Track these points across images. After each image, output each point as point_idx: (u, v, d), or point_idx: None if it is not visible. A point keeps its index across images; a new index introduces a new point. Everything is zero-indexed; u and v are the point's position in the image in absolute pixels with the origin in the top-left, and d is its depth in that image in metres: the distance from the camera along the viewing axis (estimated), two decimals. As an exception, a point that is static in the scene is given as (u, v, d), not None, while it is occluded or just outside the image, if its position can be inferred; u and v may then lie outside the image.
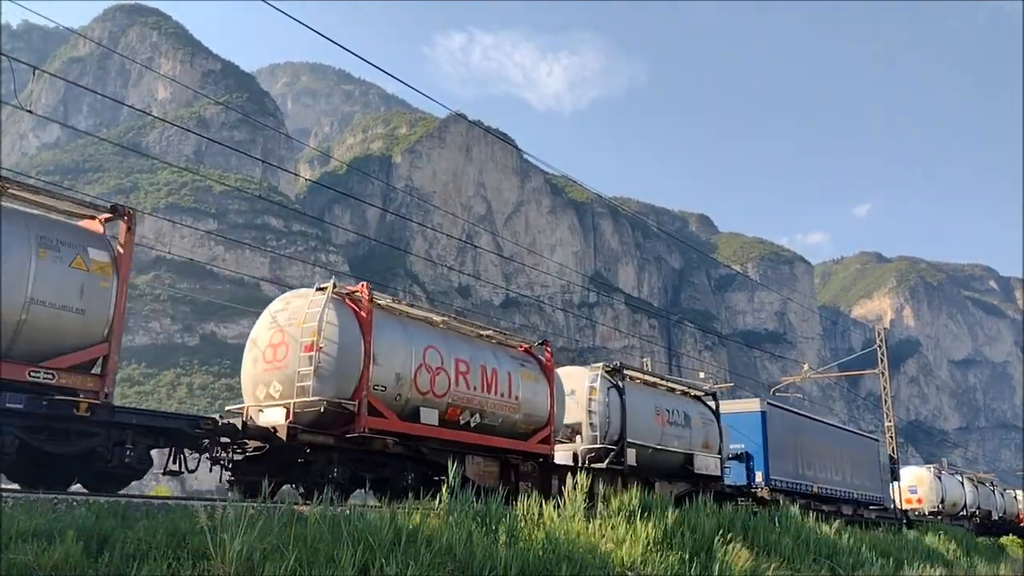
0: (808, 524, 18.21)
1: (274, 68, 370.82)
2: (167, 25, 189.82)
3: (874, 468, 35.58)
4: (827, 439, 31.37)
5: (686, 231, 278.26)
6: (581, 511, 12.23)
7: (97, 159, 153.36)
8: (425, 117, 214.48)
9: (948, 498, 43.02)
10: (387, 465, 13.81)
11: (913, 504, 41.80)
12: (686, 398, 22.74)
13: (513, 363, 16.38)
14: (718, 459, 22.19)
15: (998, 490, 54.23)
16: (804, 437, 28.85)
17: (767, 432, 25.69)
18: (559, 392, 17.37)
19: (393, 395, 13.59)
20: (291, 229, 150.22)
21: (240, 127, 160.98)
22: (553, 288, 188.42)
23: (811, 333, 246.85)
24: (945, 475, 45.31)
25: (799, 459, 27.76)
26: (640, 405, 19.84)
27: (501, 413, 15.64)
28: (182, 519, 7.93)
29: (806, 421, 30.63)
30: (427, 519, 9.52)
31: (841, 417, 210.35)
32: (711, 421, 22.70)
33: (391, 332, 13.97)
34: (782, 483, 25.69)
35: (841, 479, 31.09)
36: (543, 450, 16.50)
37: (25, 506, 7.75)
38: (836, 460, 31.14)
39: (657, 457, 20.02)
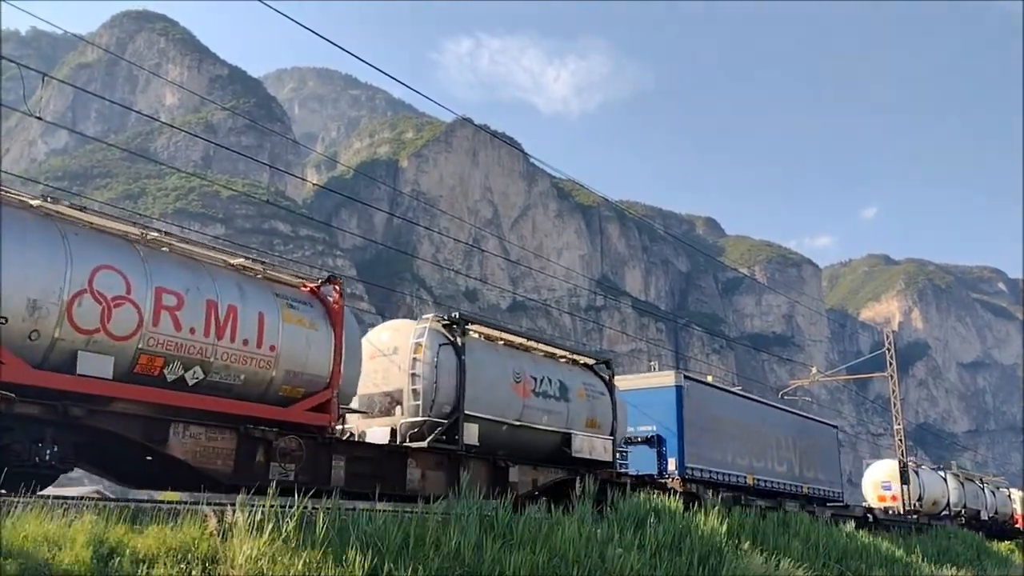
0: (818, 527, 18.15)
1: (281, 73, 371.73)
2: (174, 31, 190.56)
3: (833, 459, 32.27)
4: (769, 424, 27.12)
5: (693, 234, 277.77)
6: (590, 515, 12.20)
7: (105, 165, 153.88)
8: (432, 121, 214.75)
9: (927, 495, 38.80)
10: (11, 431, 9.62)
11: (887, 502, 37.31)
12: (566, 365, 18.51)
13: (271, 302, 12.12)
14: (609, 441, 18.19)
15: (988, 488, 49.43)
16: (736, 420, 24.80)
17: (683, 412, 21.76)
18: (354, 345, 13.62)
19: (25, 332, 9.60)
20: (298, 234, 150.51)
21: (247, 132, 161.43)
22: (560, 292, 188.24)
23: (819, 336, 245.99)
24: (924, 470, 41.19)
25: (728, 445, 23.76)
26: (489, 369, 15.71)
27: (243, 368, 11.44)
28: (192, 523, 7.95)
29: (739, 402, 26.41)
30: (436, 523, 9.51)
31: (850, 420, 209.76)
32: (601, 395, 18.63)
33: (24, 239, 9.88)
34: (702, 472, 21.97)
35: (786, 470, 27.22)
36: (315, 420, 12.24)
37: (34, 511, 7.77)
38: (781, 448, 27.13)
39: (517, 436, 16.07)
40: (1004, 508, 49.90)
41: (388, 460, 13.56)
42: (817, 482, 29.43)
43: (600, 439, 17.92)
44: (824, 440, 31.80)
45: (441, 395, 14.58)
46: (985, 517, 44.48)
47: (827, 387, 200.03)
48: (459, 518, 9.91)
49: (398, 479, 13.36)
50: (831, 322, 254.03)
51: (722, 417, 24.06)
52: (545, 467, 16.73)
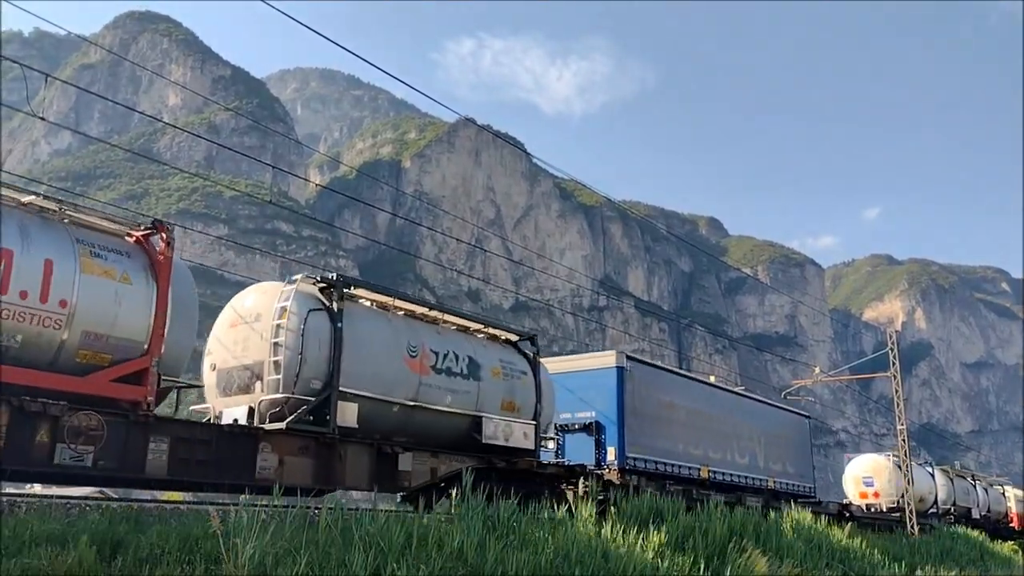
0: (820, 528, 18.13)
1: (284, 74, 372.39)
2: (177, 32, 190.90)
3: (804, 452, 29.94)
4: (730, 412, 24.84)
5: (696, 234, 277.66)
6: (593, 515, 12.20)
7: (108, 165, 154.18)
8: (434, 122, 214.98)
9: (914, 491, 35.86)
10: None
11: (869, 498, 35.33)
12: (481, 340, 16.21)
13: (66, 247, 9.95)
14: (531, 427, 16.02)
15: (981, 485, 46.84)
16: (690, 407, 22.60)
17: (624, 396, 19.52)
18: (187, 305, 11.51)
19: None
20: (301, 234, 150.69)
21: (250, 133, 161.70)
22: (563, 292, 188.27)
23: (822, 336, 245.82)
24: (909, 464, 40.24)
25: (679, 434, 21.65)
26: (375, 340, 13.40)
27: (19, 326, 9.27)
28: (195, 523, 7.95)
29: (694, 387, 24.22)
30: (438, 523, 9.52)
31: (853, 420, 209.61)
32: (522, 374, 16.37)
33: None
34: (646, 463, 19.77)
35: (749, 463, 24.88)
36: (125, 394, 10.04)
37: (39, 511, 7.78)
38: (743, 439, 24.90)
39: (413, 419, 13.86)
40: (998, 506, 47.69)
41: (232, 444, 11.31)
42: (785, 476, 27.08)
43: (520, 424, 15.77)
44: (795, 432, 29.42)
45: (308, 368, 12.19)
46: (977, 515, 42.17)
47: (830, 387, 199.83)
48: (462, 518, 9.91)
49: (245, 467, 11.24)
50: (834, 322, 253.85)
51: (673, 403, 21.75)
52: (449, 455, 14.50)
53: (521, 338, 17.17)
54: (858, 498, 35.53)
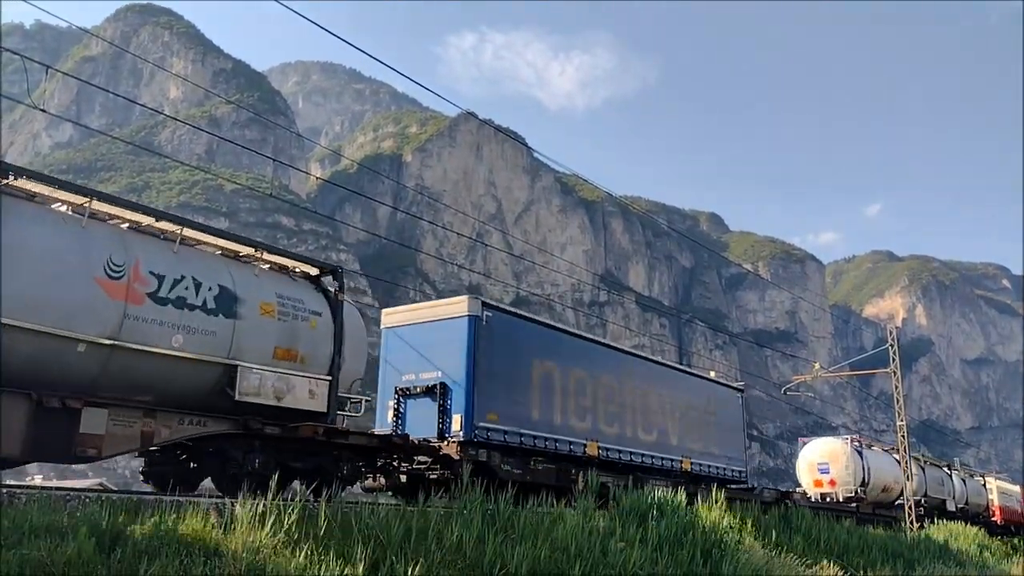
0: (819, 523, 18.13)
1: (285, 67, 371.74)
2: (179, 25, 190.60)
3: (735, 431, 25.87)
4: (631, 379, 20.91)
5: (697, 230, 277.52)
6: (593, 508, 12.21)
7: (109, 158, 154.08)
8: (436, 116, 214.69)
9: (874, 480, 32.60)
10: None
11: (824, 487, 31.63)
12: (248, 266, 12.70)
13: None
14: (322, 383, 12.70)
15: (959, 475, 43.16)
16: (575, 370, 18.62)
17: (477, 353, 15.74)
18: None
19: None
20: (302, 228, 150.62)
21: (251, 126, 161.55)
22: (563, 287, 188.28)
23: (822, 332, 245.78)
24: (873, 450, 35.07)
25: (557, 402, 17.73)
26: (43, 250, 9.86)
27: None
28: (193, 516, 7.97)
29: (582, 347, 20.03)
30: (437, 516, 9.52)
31: (853, 416, 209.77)
32: (312, 315, 12.91)
33: None
34: (505, 435, 16.09)
35: (656, 439, 21.09)
36: None
37: (38, 502, 7.79)
38: (650, 412, 21.15)
39: (114, 364, 10.27)
40: (977, 499, 44.12)
41: None
42: (708, 457, 23.40)
43: (303, 378, 12.34)
44: (724, 407, 25.25)
45: None
46: (952, 508, 38.49)
47: (830, 383, 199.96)
48: (461, 512, 9.92)
49: None
50: (834, 318, 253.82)
51: (552, 366, 17.82)
52: (176, 415, 10.89)
53: (322, 272, 13.72)
54: (812, 487, 32.12)
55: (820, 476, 32.13)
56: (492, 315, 16.60)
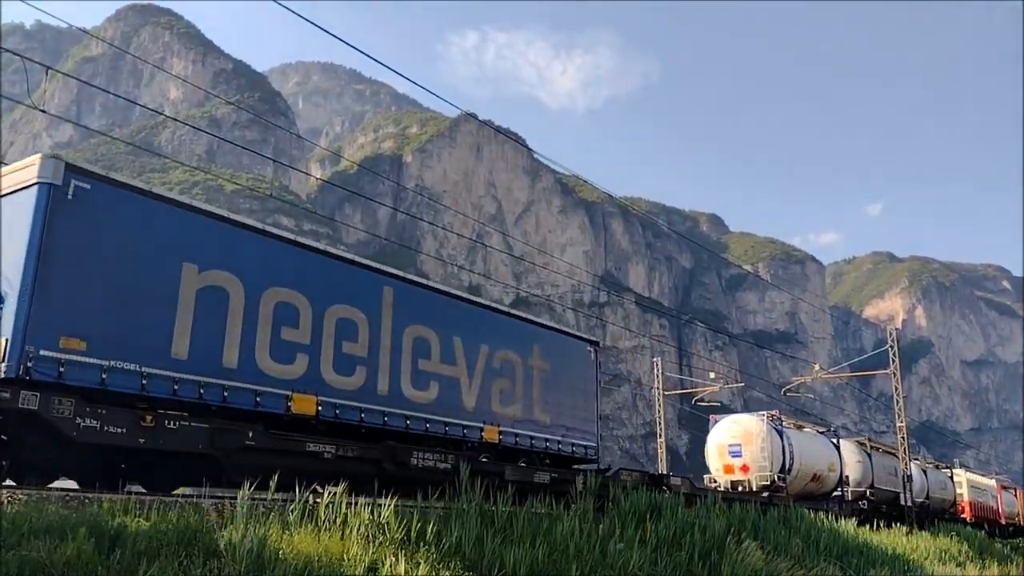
0: (819, 524, 18.14)
1: (285, 68, 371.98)
2: (179, 25, 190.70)
3: (576, 394, 18.88)
4: (400, 309, 14.88)
5: (697, 231, 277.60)
6: (592, 510, 12.23)
7: (110, 158, 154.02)
8: (436, 116, 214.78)
9: (799, 466, 26.82)
10: None
11: (735, 474, 26.03)
12: None
13: None
14: None
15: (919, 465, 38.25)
16: (280, 290, 12.78)
17: (53, 240, 10.19)
18: None
19: None
20: (302, 228, 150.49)
21: (251, 127, 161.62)
22: (563, 287, 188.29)
23: (822, 333, 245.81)
24: (800, 431, 29.26)
25: (234, 331, 11.94)
26: None
27: None
28: (192, 516, 7.98)
29: (292, 254, 13.71)
30: (436, 517, 9.54)
31: (853, 418, 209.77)
32: None
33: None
34: (105, 374, 10.26)
35: (436, 397, 15.14)
36: None
37: (37, 503, 7.81)
38: (430, 358, 15.22)
39: None
40: (943, 493, 39.52)
41: None
42: (531, 426, 17.07)
43: None
44: (562, 362, 18.43)
45: None
46: (908, 503, 32.92)
47: (830, 384, 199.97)
48: (460, 512, 9.95)
49: None
50: (834, 319, 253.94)
51: (223, 276, 12.04)
52: None
53: None
54: (722, 473, 26.50)
55: (731, 460, 26.37)
56: (94, 188, 10.96)
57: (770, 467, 25.75)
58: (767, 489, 25.38)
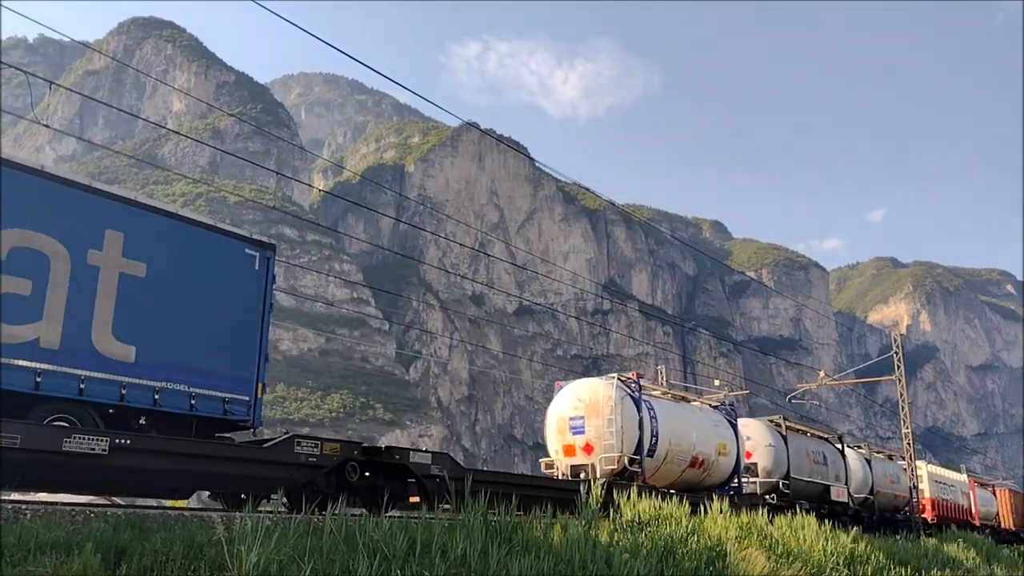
0: (825, 530, 18.06)
1: (288, 79, 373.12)
2: (182, 38, 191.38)
3: (216, 321, 12.16)
4: None
5: (699, 238, 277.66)
6: (597, 519, 12.22)
7: (113, 171, 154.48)
8: (438, 126, 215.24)
9: (672, 446, 20.47)
10: None
11: (577, 456, 19.47)
12: None
13: None
14: None
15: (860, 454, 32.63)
16: None
17: None
18: None
19: None
20: (305, 239, 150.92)
21: (254, 138, 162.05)
22: (567, 296, 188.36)
23: (827, 339, 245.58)
24: (671, 403, 22.16)
25: None
26: None
27: None
28: (199, 530, 7.98)
29: None
30: (441, 528, 9.54)
31: (858, 423, 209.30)
32: None
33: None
34: None
35: None
36: None
37: (43, 518, 7.82)
38: None
39: None
40: (893, 488, 33.75)
41: None
42: (117, 367, 10.68)
43: None
44: (185, 268, 11.89)
45: None
46: (843, 499, 27.65)
47: (835, 390, 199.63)
48: (464, 523, 9.94)
49: None
50: (839, 325, 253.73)
51: None
52: None
53: None
54: (562, 455, 19.82)
55: (572, 439, 19.71)
56: None
57: (619, 446, 18.76)
58: (615, 476, 18.51)
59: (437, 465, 13.74)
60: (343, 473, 12.29)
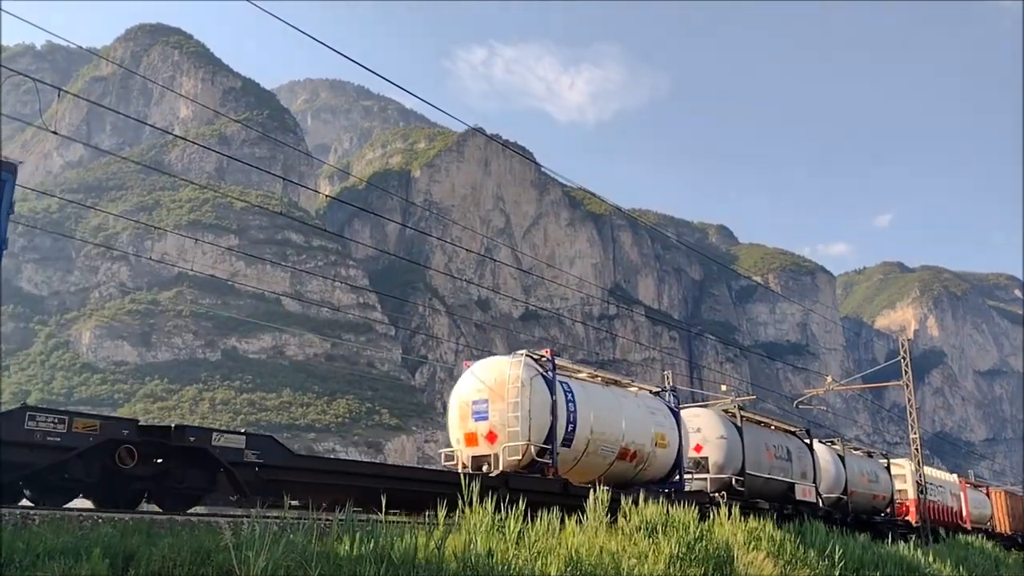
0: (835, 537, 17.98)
1: (294, 85, 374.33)
2: (188, 44, 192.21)
3: None
4: None
5: (706, 242, 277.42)
6: (604, 525, 12.18)
7: (120, 177, 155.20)
8: (444, 132, 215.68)
9: (595, 435, 17.29)
10: None
11: (479, 446, 16.43)
12: None
13: None
14: None
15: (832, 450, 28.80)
16: None
17: None
18: None
19: None
20: (311, 244, 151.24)
21: (260, 144, 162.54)
22: (572, 301, 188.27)
23: (834, 344, 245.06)
24: (597, 386, 18.73)
25: None
26: None
27: None
28: (206, 536, 7.98)
29: None
30: (448, 534, 9.51)
31: (866, 429, 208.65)
32: None
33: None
34: None
35: None
36: None
37: (51, 524, 7.83)
38: None
39: None
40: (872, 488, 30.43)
41: None
42: None
43: None
44: None
45: None
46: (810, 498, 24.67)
47: (842, 396, 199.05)
48: (471, 527, 9.92)
49: None
50: (846, 330, 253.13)
51: None
52: None
53: None
54: (464, 445, 16.63)
55: (475, 425, 16.62)
56: None
57: (526, 433, 15.70)
58: (522, 468, 15.82)
59: (254, 450, 11.37)
60: (113, 458, 10.24)
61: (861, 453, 33.04)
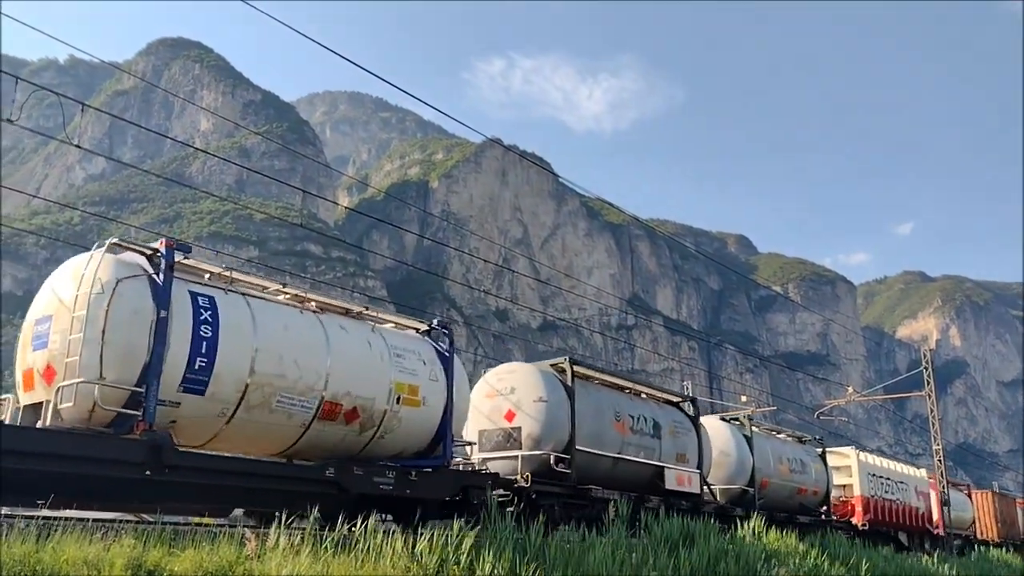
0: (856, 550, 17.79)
1: (313, 97, 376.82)
2: (209, 58, 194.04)
3: None
4: None
5: (724, 252, 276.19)
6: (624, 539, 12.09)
7: (142, 190, 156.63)
8: (461, 143, 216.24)
9: (267, 378, 10.76)
10: None
11: (35, 392, 9.98)
12: None
13: None
14: None
15: (739, 428, 23.34)
16: None
17: None
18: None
19: None
20: (330, 255, 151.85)
21: (280, 156, 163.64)
22: (591, 311, 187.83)
23: (855, 355, 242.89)
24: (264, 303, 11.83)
25: None
26: None
27: None
28: (229, 545, 7.98)
29: None
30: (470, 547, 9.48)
31: (888, 440, 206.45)
32: None
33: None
34: None
35: None
36: None
37: (74, 534, 7.85)
38: None
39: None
40: (799, 481, 24.97)
41: None
42: None
43: None
44: None
45: None
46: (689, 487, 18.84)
47: (864, 406, 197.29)
48: (494, 542, 9.88)
49: None
50: (867, 340, 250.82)
51: None
52: None
53: None
54: (22, 390, 10.41)
55: (32, 357, 10.63)
56: None
57: (98, 367, 9.56)
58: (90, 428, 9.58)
59: None
60: None
61: (786, 436, 26.65)
